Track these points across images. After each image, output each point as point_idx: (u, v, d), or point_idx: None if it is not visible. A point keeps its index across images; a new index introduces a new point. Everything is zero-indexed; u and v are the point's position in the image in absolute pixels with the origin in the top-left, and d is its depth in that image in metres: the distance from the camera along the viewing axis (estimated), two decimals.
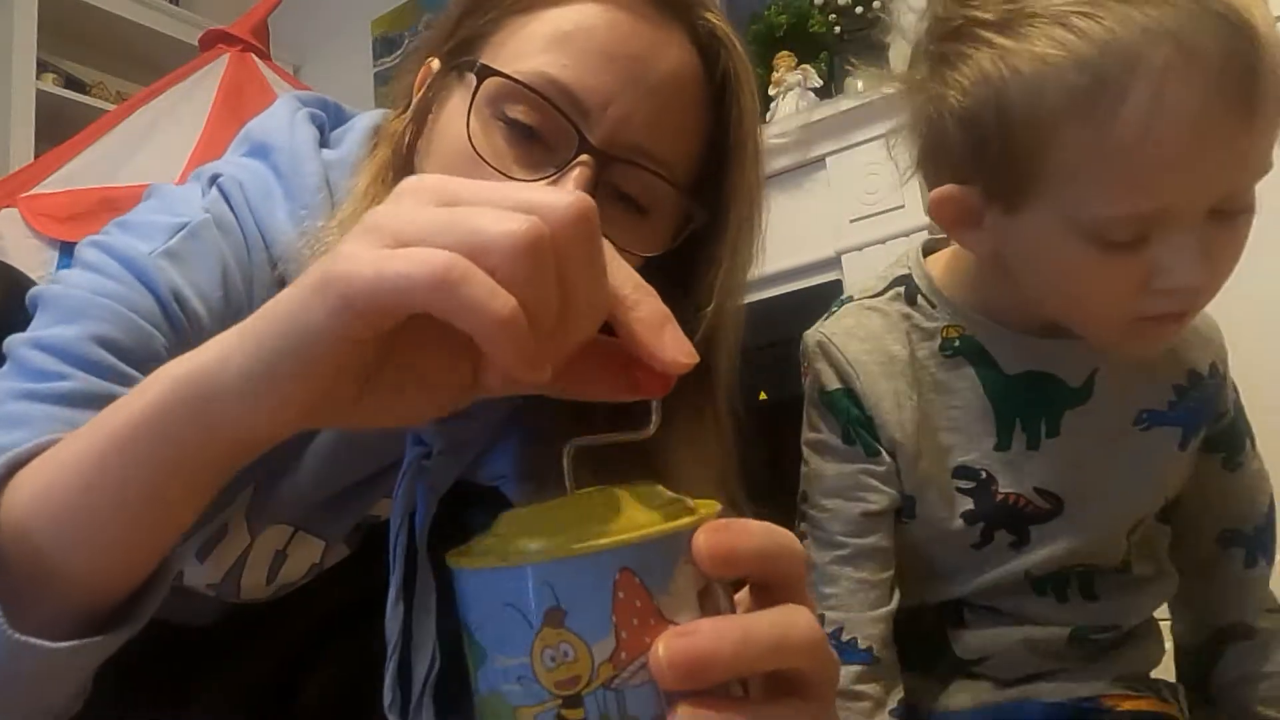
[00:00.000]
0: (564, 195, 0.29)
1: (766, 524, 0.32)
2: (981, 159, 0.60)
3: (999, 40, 0.57)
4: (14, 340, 0.50)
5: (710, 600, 0.31)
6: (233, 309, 0.56)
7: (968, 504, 0.70)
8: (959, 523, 0.70)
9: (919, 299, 0.73)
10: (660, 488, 0.34)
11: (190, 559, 0.61)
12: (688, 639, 0.29)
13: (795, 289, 1.95)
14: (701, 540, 0.30)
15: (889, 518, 0.72)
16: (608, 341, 0.33)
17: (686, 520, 0.32)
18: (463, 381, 0.33)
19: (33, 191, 1.73)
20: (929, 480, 0.70)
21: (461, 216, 0.29)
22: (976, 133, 0.59)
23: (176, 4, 3.02)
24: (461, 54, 0.58)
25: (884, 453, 0.71)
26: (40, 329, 0.50)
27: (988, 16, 0.58)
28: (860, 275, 1.78)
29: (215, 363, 0.31)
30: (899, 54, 0.72)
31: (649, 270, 0.59)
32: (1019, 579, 0.72)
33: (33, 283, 0.54)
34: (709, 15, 0.58)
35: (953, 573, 0.73)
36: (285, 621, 0.69)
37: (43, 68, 2.61)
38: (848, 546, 0.70)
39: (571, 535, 0.30)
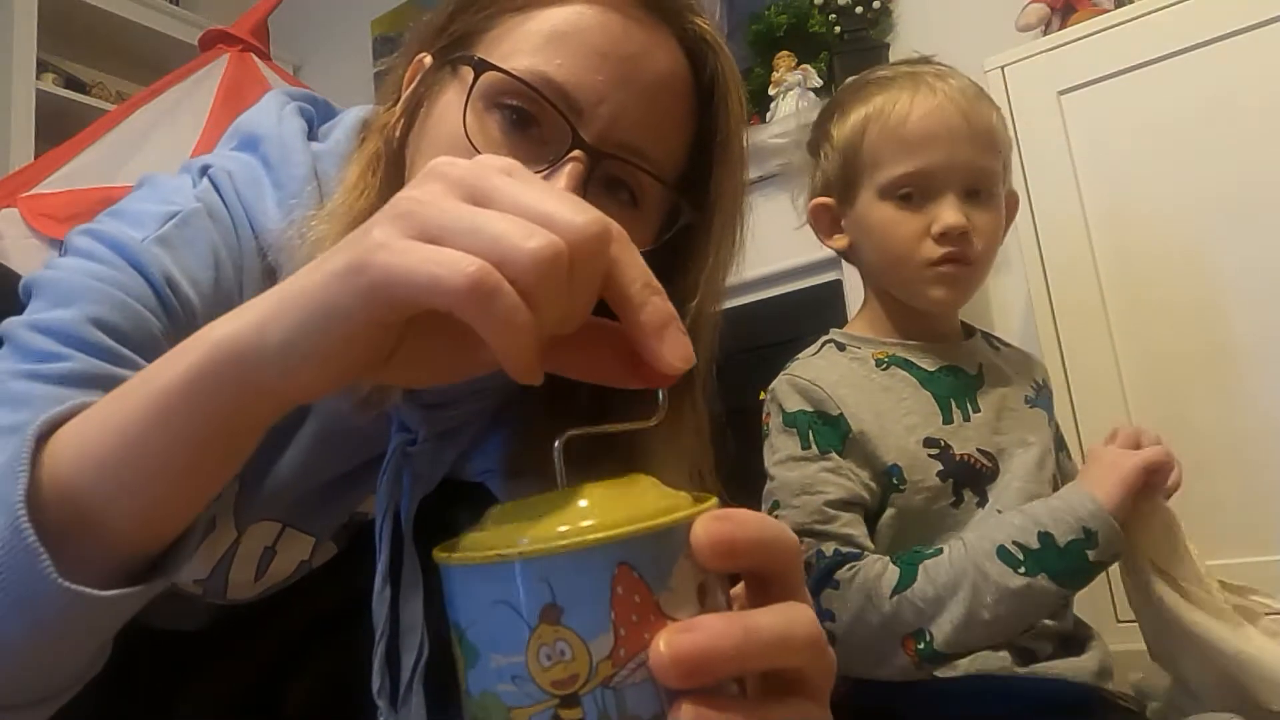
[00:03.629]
0: (583, 214, 0.31)
1: (762, 515, 0.32)
2: (835, 176, 0.99)
3: (848, 104, 0.99)
4: (11, 323, 0.51)
5: (709, 596, 0.31)
6: (223, 295, 0.56)
7: (938, 465, 0.90)
8: (935, 480, 0.89)
9: (846, 346, 1.00)
10: (654, 480, 0.33)
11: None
12: (690, 635, 0.28)
13: (795, 289, 1.95)
14: (701, 531, 0.30)
15: (854, 510, 0.87)
16: (619, 328, 0.34)
17: (684, 513, 0.31)
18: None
19: (33, 191, 1.73)
20: (904, 450, 0.90)
21: (489, 222, 0.30)
22: (832, 159, 0.99)
23: (176, 4, 3.02)
24: (455, 50, 0.59)
25: (837, 451, 0.89)
26: (37, 312, 0.51)
27: (844, 97, 1.01)
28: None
29: (253, 331, 0.33)
30: (899, 54, 1.02)
31: None
32: None
33: (20, 278, 0.55)
34: (698, 20, 0.59)
35: (945, 529, 0.89)
36: (273, 624, 0.69)
37: (43, 68, 2.60)
38: (816, 533, 0.86)
39: (567, 529, 0.30)
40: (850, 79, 1.06)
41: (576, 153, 0.53)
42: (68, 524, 0.36)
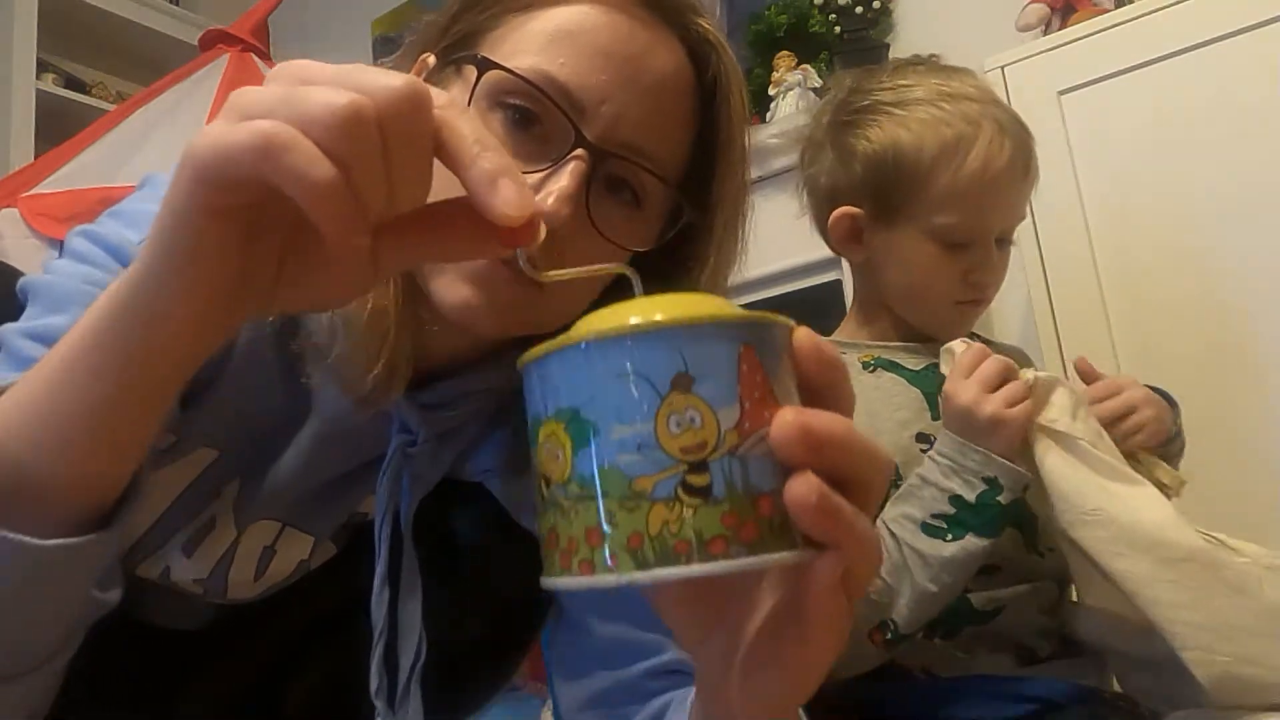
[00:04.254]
0: (397, 77, 0.31)
1: None
2: (877, 189, 0.94)
3: (896, 112, 0.93)
4: (6, 330, 0.52)
5: (800, 398, 0.33)
6: None
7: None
8: None
9: None
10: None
11: (177, 554, 0.62)
12: (810, 416, 0.31)
13: (795, 289, 1.95)
14: (804, 334, 0.33)
15: None
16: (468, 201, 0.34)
17: (786, 318, 0.33)
18: (363, 261, 0.35)
19: (33, 191, 1.73)
20: (899, 446, 0.90)
21: (298, 93, 0.31)
22: (873, 170, 0.93)
23: (176, 4, 3.02)
24: (458, 50, 0.59)
25: None
26: (32, 319, 0.51)
27: (886, 97, 0.94)
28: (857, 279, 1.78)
29: (133, 268, 0.35)
30: (899, 54, 1.00)
31: (638, 264, 0.61)
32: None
33: (21, 276, 0.55)
34: (701, 21, 0.59)
35: None
36: (272, 624, 0.69)
37: (43, 68, 2.60)
38: None
39: (695, 311, 0.31)
40: (880, 73, 1.00)
41: (579, 151, 0.53)
42: (7, 487, 0.36)
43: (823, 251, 1.98)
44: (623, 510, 0.30)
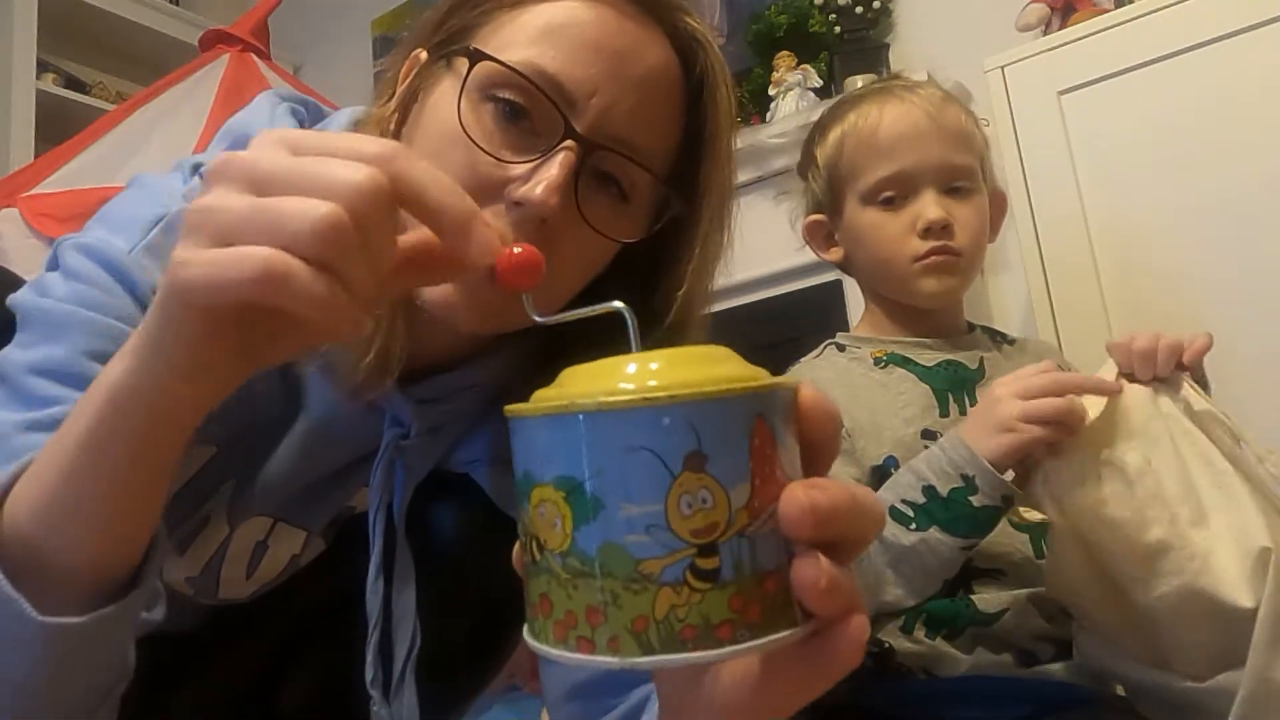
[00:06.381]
0: (357, 171, 0.33)
1: None
2: (823, 193, 1.05)
3: (830, 126, 1.05)
4: (7, 361, 0.52)
5: (800, 463, 0.32)
6: None
7: None
8: None
9: (847, 347, 1.03)
10: (727, 350, 0.33)
11: (171, 552, 0.62)
12: (820, 491, 0.30)
13: (795, 289, 1.95)
14: (809, 394, 0.32)
15: None
16: None
17: (795, 379, 0.32)
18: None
19: (33, 191, 1.73)
20: (901, 442, 0.90)
21: (270, 209, 0.32)
22: (819, 179, 1.05)
23: (176, 4, 3.02)
24: (449, 45, 0.60)
25: None
26: (29, 347, 0.52)
27: (827, 118, 1.07)
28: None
29: (127, 374, 0.37)
30: (899, 54, 1.06)
31: (626, 254, 0.62)
32: (1008, 535, 0.86)
33: (24, 283, 0.55)
34: (689, 19, 0.60)
35: None
36: (263, 625, 0.69)
37: (43, 68, 2.60)
38: None
39: (706, 379, 0.29)
40: (830, 104, 1.09)
41: (568, 142, 0.54)
42: (28, 566, 0.38)
43: None
44: (627, 592, 0.28)
